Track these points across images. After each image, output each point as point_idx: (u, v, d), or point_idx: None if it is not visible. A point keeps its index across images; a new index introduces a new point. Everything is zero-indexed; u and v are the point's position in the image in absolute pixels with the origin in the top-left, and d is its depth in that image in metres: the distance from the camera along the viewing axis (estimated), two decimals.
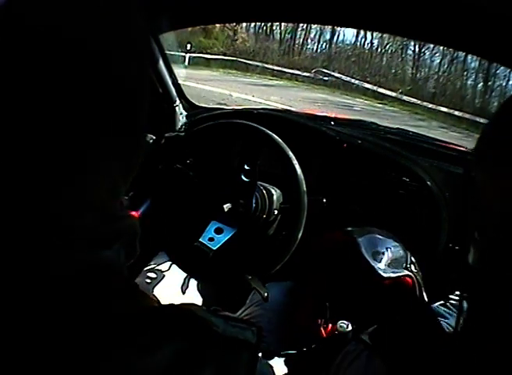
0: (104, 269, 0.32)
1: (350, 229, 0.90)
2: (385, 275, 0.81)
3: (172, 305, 0.35)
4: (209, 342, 0.33)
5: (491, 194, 0.38)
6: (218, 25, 13.41)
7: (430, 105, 12.42)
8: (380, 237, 0.89)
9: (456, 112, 11.84)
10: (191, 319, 0.33)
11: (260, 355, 0.37)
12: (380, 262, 0.83)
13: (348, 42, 18.07)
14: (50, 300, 0.30)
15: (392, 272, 0.82)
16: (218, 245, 0.98)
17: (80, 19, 0.31)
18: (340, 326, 0.82)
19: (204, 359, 0.32)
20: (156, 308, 0.34)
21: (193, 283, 1.14)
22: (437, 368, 0.39)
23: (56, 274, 0.30)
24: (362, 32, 16.29)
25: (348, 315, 0.83)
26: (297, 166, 0.95)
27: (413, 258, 0.86)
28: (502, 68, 13.02)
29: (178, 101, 1.31)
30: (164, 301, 0.39)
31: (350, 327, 0.82)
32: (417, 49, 16.66)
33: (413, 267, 0.85)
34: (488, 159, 0.39)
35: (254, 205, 1.00)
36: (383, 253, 0.84)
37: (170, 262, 1.16)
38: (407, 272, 0.83)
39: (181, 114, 1.33)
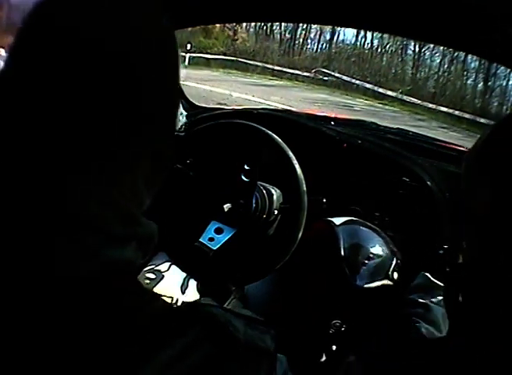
0: (120, 269, 0.32)
1: (332, 219, 0.90)
2: (359, 284, 0.80)
3: (190, 305, 0.36)
4: (232, 349, 0.33)
5: (476, 200, 0.39)
6: (218, 25, 13.41)
7: (430, 105, 12.42)
8: (364, 229, 0.89)
9: (457, 112, 11.84)
10: (214, 322, 0.34)
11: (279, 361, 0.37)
12: (358, 270, 0.81)
13: (348, 42, 18.08)
14: (54, 302, 0.29)
15: (369, 281, 0.81)
16: (218, 245, 0.98)
17: (100, 21, 0.32)
18: (334, 326, 0.82)
19: (227, 366, 0.32)
20: (176, 311, 0.35)
21: (193, 283, 1.14)
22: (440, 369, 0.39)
23: (61, 275, 0.30)
24: (362, 32, 16.29)
25: (328, 312, 0.83)
26: (297, 166, 0.95)
27: (399, 262, 0.85)
28: (502, 68, 13.02)
29: None
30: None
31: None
32: (417, 49, 16.66)
33: (395, 274, 0.83)
34: (474, 168, 0.42)
35: (254, 205, 1.00)
36: (365, 258, 0.83)
37: (170, 262, 1.16)
38: (385, 281, 0.82)
39: (181, 114, 1.32)
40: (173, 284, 1.14)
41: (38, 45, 0.31)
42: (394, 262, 0.84)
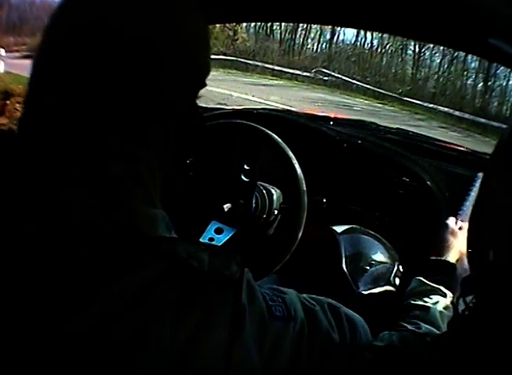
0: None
1: (334, 227, 0.89)
2: (361, 291, 0.80)
3: (153, 240, 0.37)
4: (196, 281, 0.35)
5: (504, 202, 0.38)
6: (218, 25, 13.41)
7: (430, 105, 12.43)
8: (365, 237, 0.88)
9: (457, 112, 11.84)
10: (176, 258, 0.35)
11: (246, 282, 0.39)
12: (359, 276, 0.81)
13: (348, 42, 18.09)
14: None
15: (371, 287, 0.81)
16: (219, 245, 0.98)
17: (142, 21, 0.36)
18: None
19: (194, 298, 0.34)
20: (139, 244, 0.36)
21: None
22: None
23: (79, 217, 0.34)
24: (362, 32, 16.29)
25: None
26: (297, 166, 0.95)
27: (400, 268, 0.84)
28: (502, 68, 13.02)
29: None
30: None
31: None
32: (417, 49, 16.66)
33: (397, 280, 0.83)
34: (500, 166, 0.40)
35: (254, 205, 1.00)
36: (366, 265, 0.82)
37: None
38: (387, 287, 0.81)
39: None
40: None
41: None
42: (396, 268, 0.84)
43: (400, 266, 0.85)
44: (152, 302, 0.33)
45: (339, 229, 0.90)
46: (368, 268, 0.82)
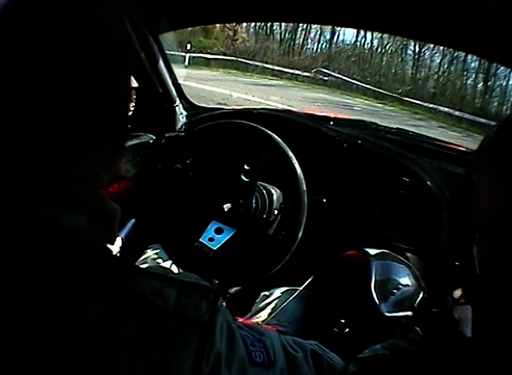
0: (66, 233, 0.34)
1: (368, 250, 0.89)
2: (385, 313, 0.80)
3: (119, 271, 0.34)
4: (157, 323, 0.32)
5: (490, 200, 0.38)
6: (218, 25, 13.42)
7: (430, 105, 12.44)
8: (396, 265, 0.88)
9: (457, 112, 11.85)
10: (138, 294, 0.33)
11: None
12: (386, 298, 0.81)
13: (348, 42, 18.12)
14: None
15: (394, 311, 0.81)
16: (219, 245, 0.98)
17: (61, 20, 0.34)
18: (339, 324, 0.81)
19: (153, 341, 0.31)
20: (102, 275, 0.33)
21: None
22: None
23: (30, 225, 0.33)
24: (362, 32, 16.33)
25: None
26: (297, 166, 0.95)
27: (425, 296, 0.85)
28: (502, 68, 13.04)
29: (178, 101, 1.31)
30: None
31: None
32: (417, 49, 16.68)
33: (420, 306, 0.83)
34: (486, 166, 0.40)
35: (254, 205, 1.00)
36: (394, 288, 0.83)
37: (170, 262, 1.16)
38: (409, 313, 0.81)
39: (181, 114, 1.33)
40: None
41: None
42: (421, 296, 0.84)
43: (426, 295, 0.85)
44: (109, 338, 0.30)
45: (371, 252, 0.89)
46: (395, 291, 0.82)
